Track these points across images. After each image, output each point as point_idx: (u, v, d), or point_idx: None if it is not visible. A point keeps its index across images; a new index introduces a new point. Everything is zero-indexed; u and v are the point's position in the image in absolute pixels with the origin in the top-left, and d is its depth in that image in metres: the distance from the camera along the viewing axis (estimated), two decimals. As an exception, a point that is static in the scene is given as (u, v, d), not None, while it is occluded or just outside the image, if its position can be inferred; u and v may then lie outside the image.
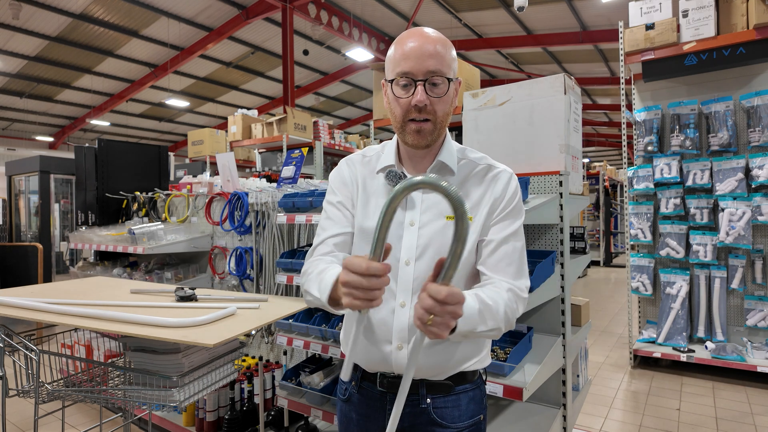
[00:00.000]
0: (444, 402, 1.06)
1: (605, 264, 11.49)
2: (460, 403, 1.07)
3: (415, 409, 1.06)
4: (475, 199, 1.07)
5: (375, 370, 1.09)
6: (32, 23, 10.20)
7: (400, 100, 1.01)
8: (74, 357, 1.69)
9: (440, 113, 1.01)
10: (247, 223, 2.98)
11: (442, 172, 1.08)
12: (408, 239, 1.04)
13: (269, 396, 2.69)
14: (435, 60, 0.98)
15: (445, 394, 1.06)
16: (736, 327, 4.00)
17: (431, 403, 1.05)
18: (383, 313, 1.04)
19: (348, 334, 1.17)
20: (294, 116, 5.78)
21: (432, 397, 1.06)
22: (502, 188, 1.07)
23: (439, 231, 1.03)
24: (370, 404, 1.10)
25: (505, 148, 2.14)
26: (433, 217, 1.05)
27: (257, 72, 14.25)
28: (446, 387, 1.06)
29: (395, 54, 1.01)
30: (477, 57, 13.30)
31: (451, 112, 1.06)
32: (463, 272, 1.07)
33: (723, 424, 3.03)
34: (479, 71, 3.67)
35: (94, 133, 19.14)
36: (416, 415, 1.06)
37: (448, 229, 1.03)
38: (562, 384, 1.96)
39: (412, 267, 1.03)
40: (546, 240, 2.02)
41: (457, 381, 1.07)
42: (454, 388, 1.06)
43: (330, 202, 1.15)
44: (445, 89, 1.01)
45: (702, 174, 4.05)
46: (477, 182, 1.08)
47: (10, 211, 6.42)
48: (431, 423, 1.05)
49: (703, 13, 3.81)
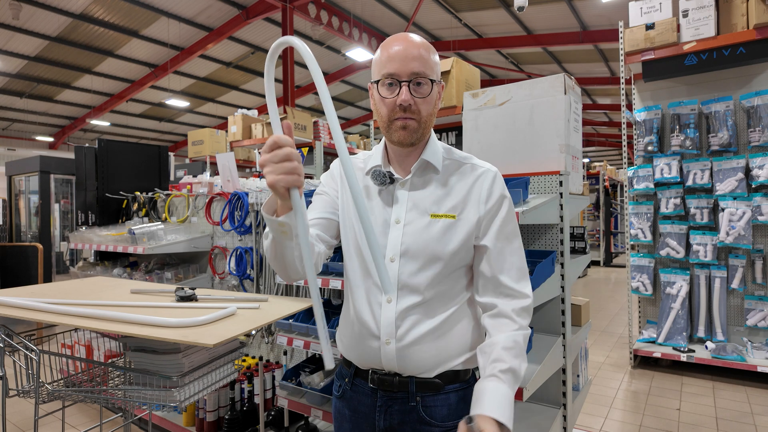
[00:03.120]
0: (433, 401, 1.07)
1: (605, 264, 11.49)
2: (449, 402, 1.08)
3: (404, 406, 1.07)
4: (460, 197, 1.08)
5: (367, 366, 1.11)
6: (32, 23, 10.20)
7: (385, 100, 1.04)
8: (74, 357, 1.69)
9: (424, 113, 1.04)
10: (247, 223, 2.98)
11: (427, 170, 1.10)
12: (393, 237, 1.07)
13: (269, 396, 2.69)
14: (419, 62, 1.02)
15: (435, 392, 1.07)
16: (736, 327, 4.00)
17: (420, 401, 1.06)
18: (371, 309, 1.08)
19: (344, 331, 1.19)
20: (294, 116, 5.78)
21: (421, 395, 1.07)
22: (488, 187, 1.08)
23: (423, 228, 1.06)
24: (362, 401, 1.12)
25: (505, 148, 2.14)
26: (417, 216, 1.07)
27: (257, 72, 14.25)
28: (436, 385, 1.07)
29: (381, 57, 1.05)
30: (477, 57, 13.29)
31: (435, 113, 1.09)
32: (459, 271, 1.09)
33: (723, 424, 3.03)
34: (479, 71, 3.67)
35: (94, 133, 19.14)
36: (406, 413, 1.07)
37: (432, 227, 1.06)
38: (563, 384, 1.96)
39: (397, 263, 1.06)
40: (546, 240, 2.02)
41: (446, 380, 1.08)
42: (443, 386, 1.07)
43: (316, 194, 1.22)
44: (428, 90, 1.03)
45: (702, 174, 4.05)
46: (461, 180, 1.10)
47: (10, 211, 6.42)
48: (420, 421, 1.07)
49: (703, 13, 3.81)
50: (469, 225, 1.06)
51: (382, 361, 1.06)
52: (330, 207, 1.16)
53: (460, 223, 1.06)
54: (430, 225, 1.06)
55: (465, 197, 1.08)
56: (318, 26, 10.40)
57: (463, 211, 1.07)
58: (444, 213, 1.06)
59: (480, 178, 1.09)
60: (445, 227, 1.05)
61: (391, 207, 1.09)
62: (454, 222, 1.06)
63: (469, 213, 1.07)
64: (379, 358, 1.06)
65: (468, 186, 1.09)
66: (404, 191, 1.09)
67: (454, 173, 1.11)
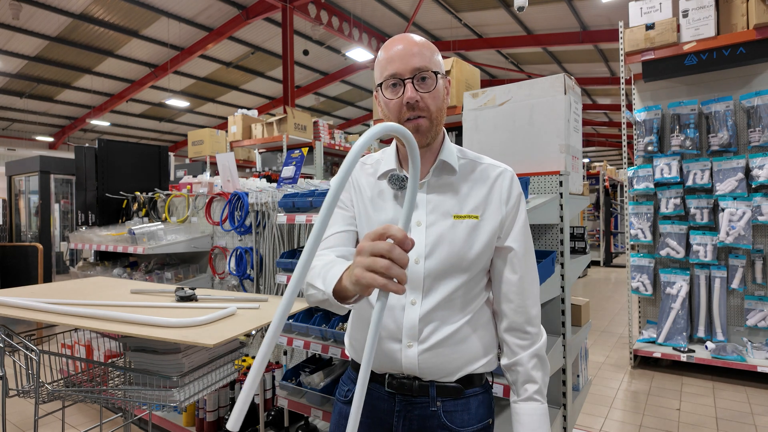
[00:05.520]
0: (454, 405, 1.06)
1: (605, 264, 11.49)
2: (469, 407, 1.07)
3: (425, 412, 1.05)
4: (481, 197, 1.07)
5: (383, 371, 1.08)
6: (32, 23, 10.20)
7: (391, 102, 1.02)
8: (74, 357, 1.69)
9: (433, 108, 1.01)
10: (247, 223, 2.98)
11: (444, 171, 1.08)
12: (416, 238, 1.04)
13: (269, 396, 2.69)
14: (419, 57, 1.00)
15: (455, 397, 1.06)
16: (736, 327, 4.00)
17: (441, 406, 1.05)
18: (394, 311, 1.04)
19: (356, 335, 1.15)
20: (294, 116, 5.78)
21: (442, 400, 1.05)
22: (507, 186, 1.08)
23: (448, 229, 1.04)
24: (377, 405, 1.09)
25: (505, 148, 2.14)
26: (439, 217, 1.05)
27: (257, 72, 14.25)
28: (456, 390, 1.05)
29: (382, 59, 1.03)
30: (477, 57, 13.29)
31: (445, 108, 1.06)
32: (482, 272, 1.09)
33: (723, 424, 3.03)
34: (479, 71, 3.67)
35: (94, 133, 19.14)
36: (426, 418, 1.05)
37: (457, 227, 1.04)
38: (563, 384, 1.96)
39: (422, 265, 1.03)
40: (546, 240, 2.02)
41: (466, 384, 1.07)
42: (464, 391, 1.06)
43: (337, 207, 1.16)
44: (433, 83, 1.01)
45: (702, 174, 4.05)
46: (480, 180, 1.08)
47: (10, 211, 6.42)
48: (441, 427, 1.05)
49: (703, 13, 3.81)
50: (493, 225, 1.05)
51: (403, 365, 1.04)
52: (349, 219, 1.14)
53: (483, 223, 1.05)
54: (455, 226, 1.04)
55: (486, 197, 1.07)
56: (318, 26, 10.40)
57: (486, 211, 1.06)
58: (467, 213, 1.05)
59: (500, 178, 1.08)
60: (470, 228, 1.04)
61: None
62: (478, 222, 1.04)
63: (492, 213, 1.06)
64: (399, 361, 1.03)
65: (488, 186, 1.08)
66: (422, 193, 1.07)
67: (471, 173, 1.09)
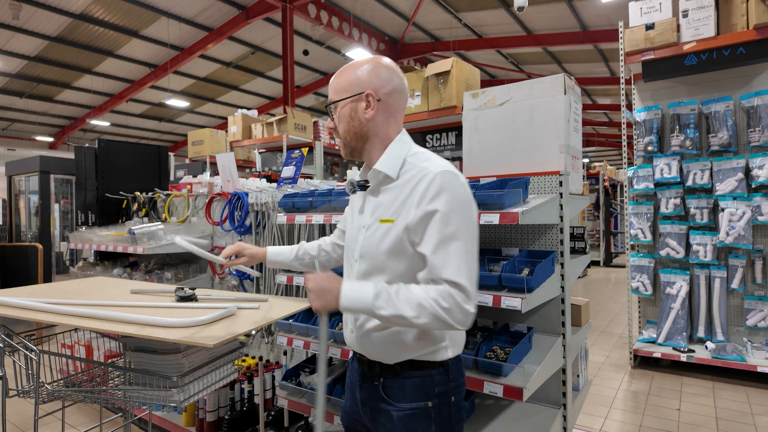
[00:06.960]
0: (392, 383, 1.22)
1: (605, 264, 11.49)
2: (405, 386, 1.21)
3: (371, 384, 1.26)
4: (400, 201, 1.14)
5: (351, 349, 1.33)
6: (32, 23, 10.21)
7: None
8: (74, 357, 1.69)
9: (342, 131, 1.24)
10: (247, 223, 2.98)
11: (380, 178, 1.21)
12: (359, 240, 1.24)
13: (269, 396, 2.69)
14: (331, 91, 1.24)
15: (393, 376, 1.22)
16: (736, 327, 4.00)
17: (382, 382, 1.23)
18: None
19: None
20: (294, 116, 5.78)
21: (383, 377, 1.23)
22: (423, 189, 1.11)
23: (372, 232, 1.19)
24: (351, 375, 1.36)
25: (505, 148, 2.14)
26: (374, 221, 1.20)
27: (257, 72, 14.26)
28: (394, 370, 1.22)
29: None
30: (477, 57, 13.30)
31: (357, 125, 1.21)
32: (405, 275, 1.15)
33: (723, 424, 3.03)
34: (479, 71, 3.67)
35: (94, 133, 19.14)
36: (372, 389, 1.25)
37: (378, 230, 1.18)
38: (563, 384, 1.96)
39: (358, 264, 1.23)
40: (546, 240, 2.02)
41: (405, 367, 1.21)
42: (400, 372, 1.21)
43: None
44: (336, 112, 1.23)
45: (702, 174, 4.05)
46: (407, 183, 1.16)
47: (10, 211, 6.42)
48: (380, 399, 1.23)
49: (703, 13, 3.81)
50: (400, 227, 1.13)
51: (354, 346, 1.29)
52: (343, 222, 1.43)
53: (394, 227, 1.14)
54: (377, 229, 1.18)
55: (404, 201, 1.14)
56: (318, 26, 10.40)
57: (400, 215, 1.14)
58: (387, 218, 1.17)
59: (421, 181, 1.12)
60: (385, 231, 1.16)
61: (360, 213, 1.27)
62: (391, 225, 1.15)
63: (403, 216, 1.13)
64: (353, 343, 1.29)
65: (409, 190, 1.14)
66: (372, 198, 1.24)
67: (407, 177, 1.17)
